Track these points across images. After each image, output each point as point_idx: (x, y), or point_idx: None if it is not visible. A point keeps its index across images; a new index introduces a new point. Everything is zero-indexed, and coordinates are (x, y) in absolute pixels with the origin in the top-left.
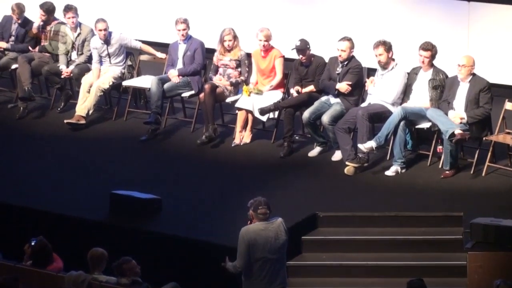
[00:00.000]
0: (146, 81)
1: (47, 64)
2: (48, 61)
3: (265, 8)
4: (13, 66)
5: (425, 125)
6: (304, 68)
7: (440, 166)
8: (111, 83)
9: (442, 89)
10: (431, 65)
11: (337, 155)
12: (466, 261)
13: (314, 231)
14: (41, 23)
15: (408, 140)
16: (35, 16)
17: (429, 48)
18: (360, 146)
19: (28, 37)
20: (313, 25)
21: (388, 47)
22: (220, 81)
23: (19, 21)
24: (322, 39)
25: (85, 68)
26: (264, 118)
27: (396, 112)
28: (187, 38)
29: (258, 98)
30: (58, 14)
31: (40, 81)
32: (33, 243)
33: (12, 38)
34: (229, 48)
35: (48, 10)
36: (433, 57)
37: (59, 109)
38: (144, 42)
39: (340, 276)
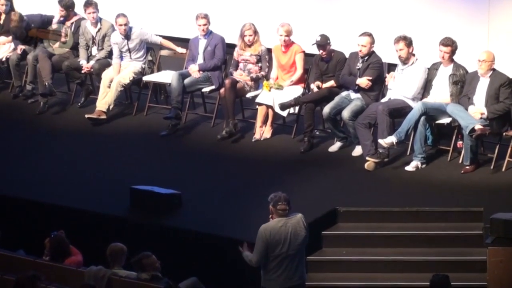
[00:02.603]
0: (167, 76)
1: (68, 59)
2: (68, 56)
3: (286, 3)
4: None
5: (445, 120)
6: (325, 63)
7: (460, 162)
8: (131, 78)
9: (463, 85)
10: (451, 60)
11: (357, 150)
12: (486, 256)
13: (334, 226)
14: (61, 18)
15: (428, 136)
16: (54, 12)
17: (449, 44)
18: (380, 141)
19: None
20: (333, 20)
21: (408, 42)
22: (240, 76)
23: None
24: (343, 34)
25: (105, 63)
26: (284, 113)
27: (417, 107)
28: (208, 33)
29: (279, 93)
30: (79, 9)
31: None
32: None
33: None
34: (250, 43)
35: (67, 5)
36: (453, 52)
37: (79, 104)
38: (164, 37)
39: (360, 271)
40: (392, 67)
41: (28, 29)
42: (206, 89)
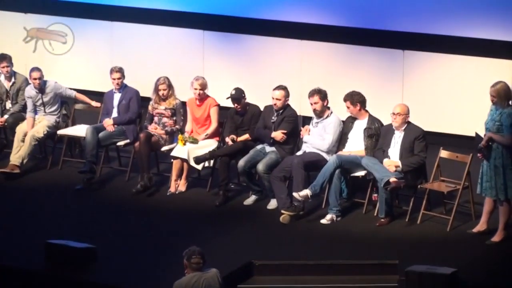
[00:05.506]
0: (81, 130)
1: None
2: None
3: (200, 57)
4: None
5: (360, 173)
6: (240, 117)
7: (375, 214)
8: (45, 132)
9: (377, 138)
10: (366, 113)
11: (272, 204)
12: None
13: (250, 279)
14: None
15: (343, 188)
16: None
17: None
18: (295, 194)
19: None
20: (248, 74)
21: (323, 95)
22: (155, 129)
23: None
24: (257, 87)
25: (19, 117)
26: (199, 167)
27: (331, 160)
28: (122, 87)
29: (193, 147)
30: None
31: None
32: None
33: None
34: (164, 97)
35: None
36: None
37: None
38: (78, 91)
39: None
40: (307, 120)
41: None
42: (121, 143)
